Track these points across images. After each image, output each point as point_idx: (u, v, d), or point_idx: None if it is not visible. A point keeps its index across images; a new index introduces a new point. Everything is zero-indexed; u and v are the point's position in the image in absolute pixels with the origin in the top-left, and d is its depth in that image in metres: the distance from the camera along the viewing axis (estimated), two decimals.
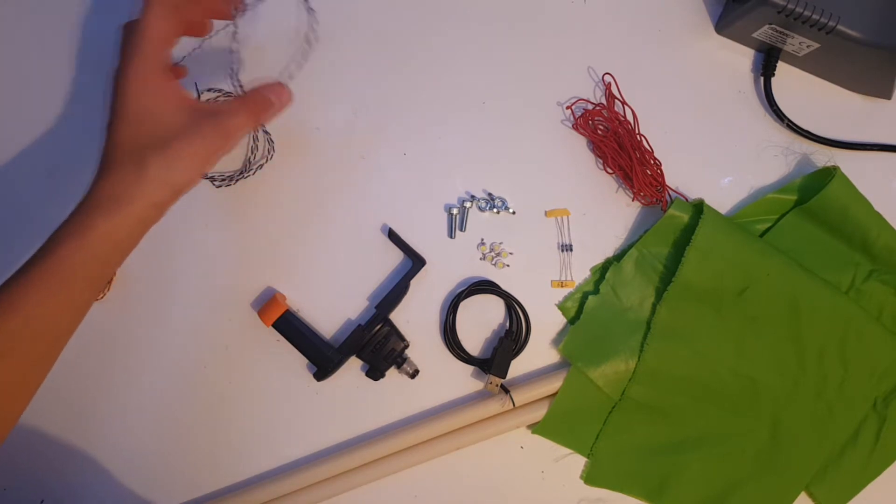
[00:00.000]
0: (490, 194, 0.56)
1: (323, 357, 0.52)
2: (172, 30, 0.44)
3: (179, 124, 0.42)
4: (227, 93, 0.56)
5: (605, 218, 0.57)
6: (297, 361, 0.54)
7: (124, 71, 0.42)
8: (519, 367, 0.55)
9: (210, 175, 0.56)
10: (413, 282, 0.54)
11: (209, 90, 0.56)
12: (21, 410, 0.42)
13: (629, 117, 0.57)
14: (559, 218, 0.56)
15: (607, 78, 0.57)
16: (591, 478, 0.54)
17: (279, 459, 0.54)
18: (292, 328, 0.52)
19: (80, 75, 0.57)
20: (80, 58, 0.57)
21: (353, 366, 0.54)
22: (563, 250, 0.56)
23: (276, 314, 0.52)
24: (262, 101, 0.46)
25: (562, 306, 0.56)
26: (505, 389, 0.53)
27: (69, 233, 0.40)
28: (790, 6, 0.51)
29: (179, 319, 0.54)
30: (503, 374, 0.53)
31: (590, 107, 0.57)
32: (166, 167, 0.41)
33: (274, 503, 0.51)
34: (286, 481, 0.52)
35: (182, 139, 0.42)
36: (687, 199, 0.56)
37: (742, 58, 0.59)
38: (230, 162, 0.56)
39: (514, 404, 0.53)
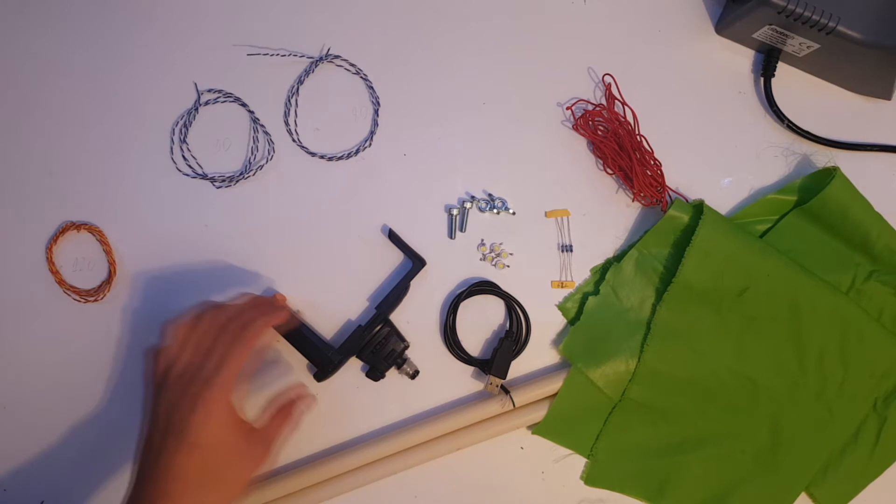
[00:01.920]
0: (490, 195, 0.56)
1: (323, 358, 0.52)
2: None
3: (237, 451, 0.44)
4: (228, 93, 0.57)
5: (605, 218, 0.57)
6: (297, 362, 0.54)
7: (203, 406, 0.43)
8: (519, 367, 0.55)
9: (210, 176, 0.56)
10: (413, 282, 0.54)
11: (209, 91, 0.56)
12: None
13: (629, 118, 0.56)
14: (559, 218, 0.56)
15: (607, 78, 0.57)
16: (591, 478, 0.54)
17: (279, 460, 0.54)
18: (292, 329, 0.52)
19: None
20: None
21: (353, 366, 0.54)
22: (563, 251, 0.56)
23: None
24: (292, 420, 0.48)
25: (562, 307, 0.56)
26: (505, 390, 0.53)
27: None
28: (790, 7, 0.51)
29: None
30: (503, 375, 0.53)
31: (590, 107, 0.57)
32: (225, 499, 0.44)
33: (274, 503, 0.51)
34: (286, 482, 0.52)
35: (240, 468, 0.44)
36: (687, 200, 0.56)
37: (742, 58, 0.59)
38: (230, 162, 0.56)
39: (514, 405, 0.53)
